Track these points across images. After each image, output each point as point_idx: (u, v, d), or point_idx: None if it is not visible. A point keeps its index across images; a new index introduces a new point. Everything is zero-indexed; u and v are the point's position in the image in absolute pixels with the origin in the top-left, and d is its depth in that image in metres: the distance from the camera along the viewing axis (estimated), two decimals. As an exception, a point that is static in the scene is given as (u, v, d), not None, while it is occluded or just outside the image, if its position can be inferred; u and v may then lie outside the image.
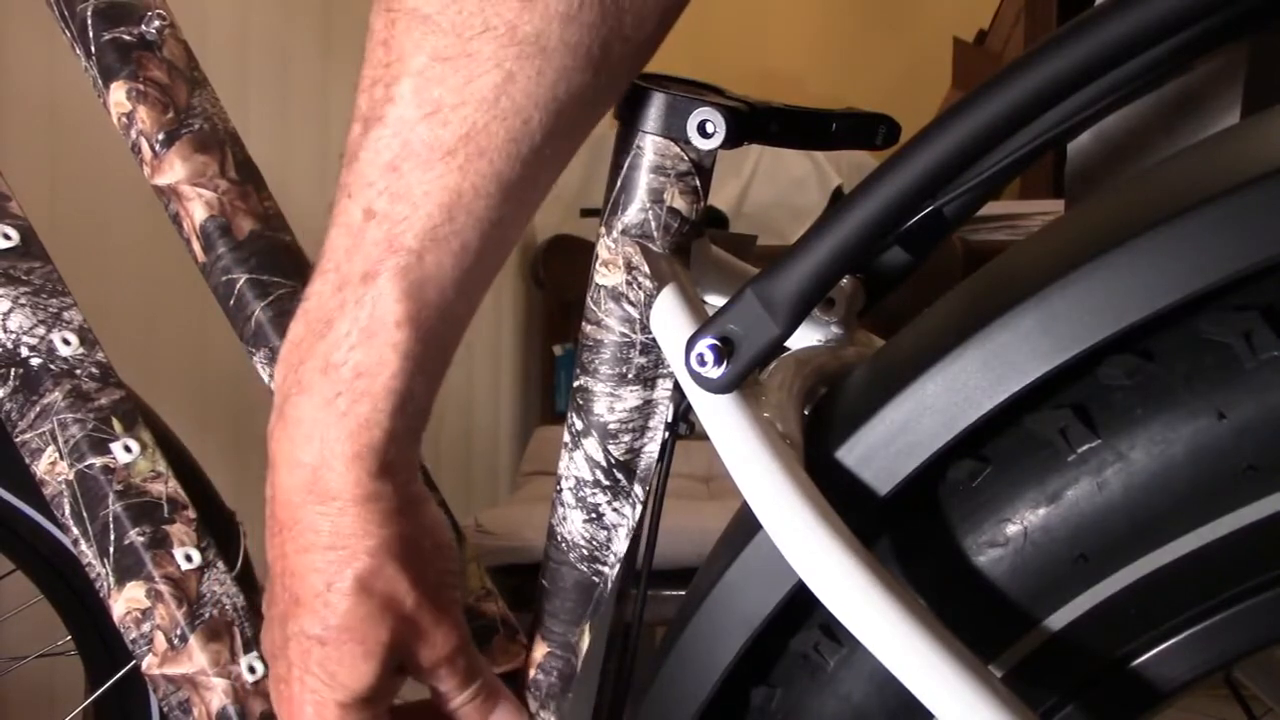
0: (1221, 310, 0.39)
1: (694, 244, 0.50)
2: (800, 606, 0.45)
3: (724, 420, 0.43)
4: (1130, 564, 0.41)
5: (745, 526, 0.45)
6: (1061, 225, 0.43)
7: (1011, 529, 0.42)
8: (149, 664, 0.64)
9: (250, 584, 0.77)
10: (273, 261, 0.60)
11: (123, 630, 0.65)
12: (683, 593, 0.54)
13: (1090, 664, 0.43)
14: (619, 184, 0.48)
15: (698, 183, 0.48)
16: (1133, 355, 0.40)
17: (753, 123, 0.48)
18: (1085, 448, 0.41)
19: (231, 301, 0.59)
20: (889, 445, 0.41)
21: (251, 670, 0.65)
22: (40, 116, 1.72)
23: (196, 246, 0.60)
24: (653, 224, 0.48)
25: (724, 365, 0.42)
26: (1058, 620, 0.42)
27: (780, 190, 2.34)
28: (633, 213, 0.48)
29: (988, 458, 0.43)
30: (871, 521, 0.42)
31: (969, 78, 2.86)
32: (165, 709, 0.65)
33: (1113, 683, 0.42)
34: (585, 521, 0.51)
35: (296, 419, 0.45)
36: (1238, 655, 0.42)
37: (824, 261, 0.41)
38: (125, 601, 0.64)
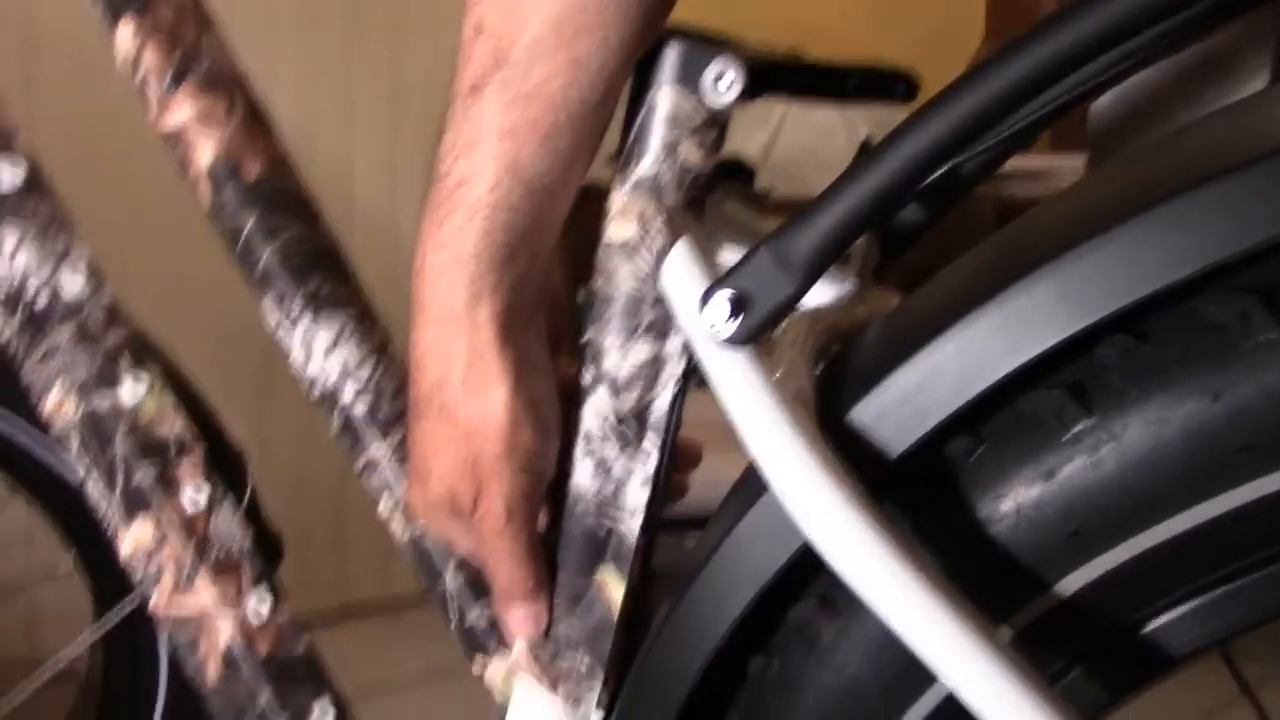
0: (1220, 291, 0.39)
1: (708, 198, 0.49)
2: (800, 576, 0.45)
3: (734, 377, 0.43)
4: (1125, 541, 0.41)
5: (752, 486, 0.45)
6: (1081, 190, 0.43)
7: (1006, 505, 0.42)
8: (156, 601, 0.65)
9: (258, 521, 0.77)
10: (281, 204, 0.59)
11: (131, 567, 0.65)
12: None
13: (1089, 636, 0.43)
14: (633, 136, 0.48)
15: (713, 136, 0.47)
16: (1129, 335, 0.40)
17: (770, 76, 0.47)
18: (1079, 427, 0.41)
19: (239, 245, 0.59)
20: (903, 407, 0.41)
21: (259, 609, 0.65)
22: (63, 53, 1.70)
23: (204, 190, 0.59)
24: (666, 177, 0.47)
25: (736, 322, 0.42)
26: (1055, 593, 0.42)
27: (808, 141, 2.30)
28: (646, 165, 0.48)
29: (983, 435, 0.42)
30: (880, 485, 0.42)
31: (1002, 28, 2.82)
32: (173, 645, 0.65)
33: (1116, 652, 0.43)
34: (594, 473, 0.51)
35: (421, 224, 0.47)
36: (1236, 630, 0.42)
37: (842, 220, 0.40)
38: (133, 539, 0.64)
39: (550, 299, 0.51)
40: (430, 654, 1.86)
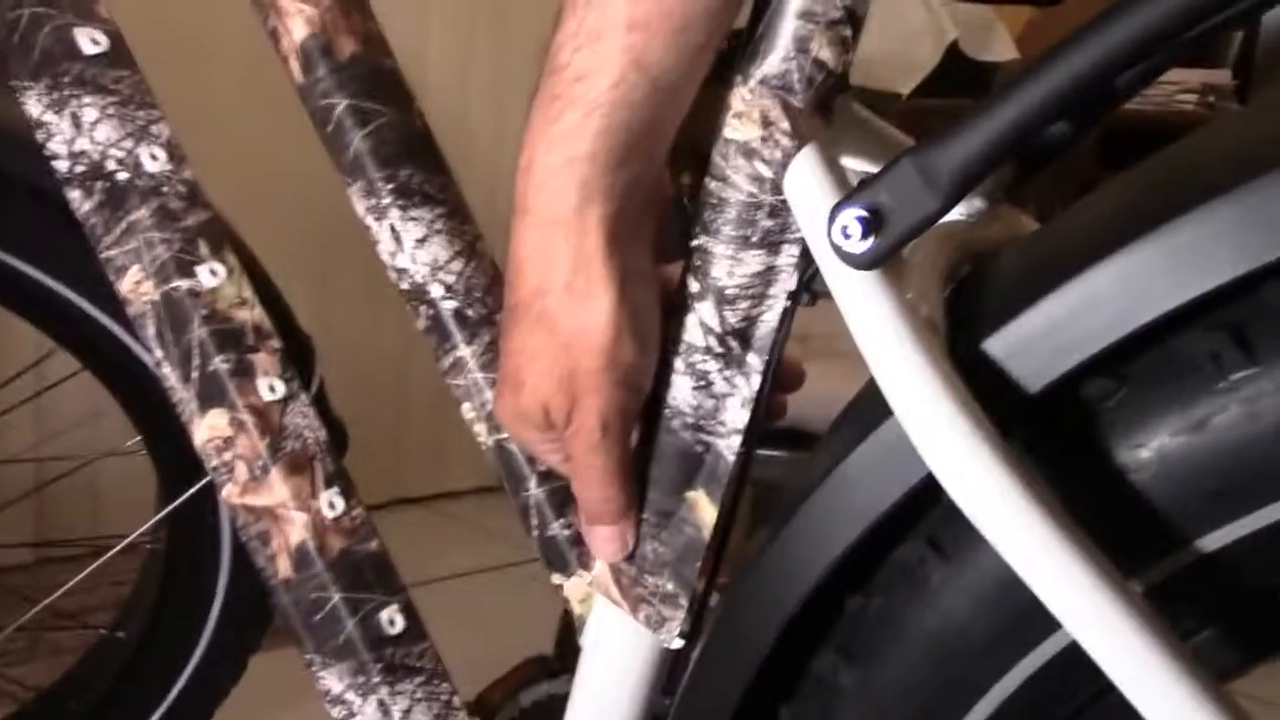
0: None
1: (836, 101, 0.45)
2: (906, 515, 0.42)
3: (864, 299, 0.40)
4: (1276, 502, 0.38)
5: (871, 411, 0.42)
6: (1259, 113, 0.39)
7: (1145, 454, 0.39)
8: (229, 493, 0.63)
9: (325, 411, 0.75)
10: (374, 87, 0.56)
11: (203, 457, 0.64)
12: (776, 453, 0.51)
13: (1226, 597, 0.40)
14: (761, 29, 0.44)
15: (849, 33, 0.44)
16: None
17: None
18: (1239, 375, 0.37)
19: (329, 128, 0.56)
20: (1048, 338, 0.38)
21: (331, 506, 0.63)
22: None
23: (295, 66, 0.56)
24: (795, 76, 0.44)
25: (871, 239, 0.39)
26: (1193, 551, 0.39)
27: (893, 41, 2.21)
28: (774, 62, 0.44)
29: (1126, 377, 0.39)
30: (1013, 420, 0.39)
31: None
32: (244, 538, 0.64)
33: (1252, 615, 0.40)
34: (693, 389, 0.48)
35: (530, 119, 0.44)
36: None
37: (998, 135, 0.36)
38: (207, 428, 0.63)
39: (660, 201, 0.48)
40: (481, 548, 1.87)
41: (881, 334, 0.39)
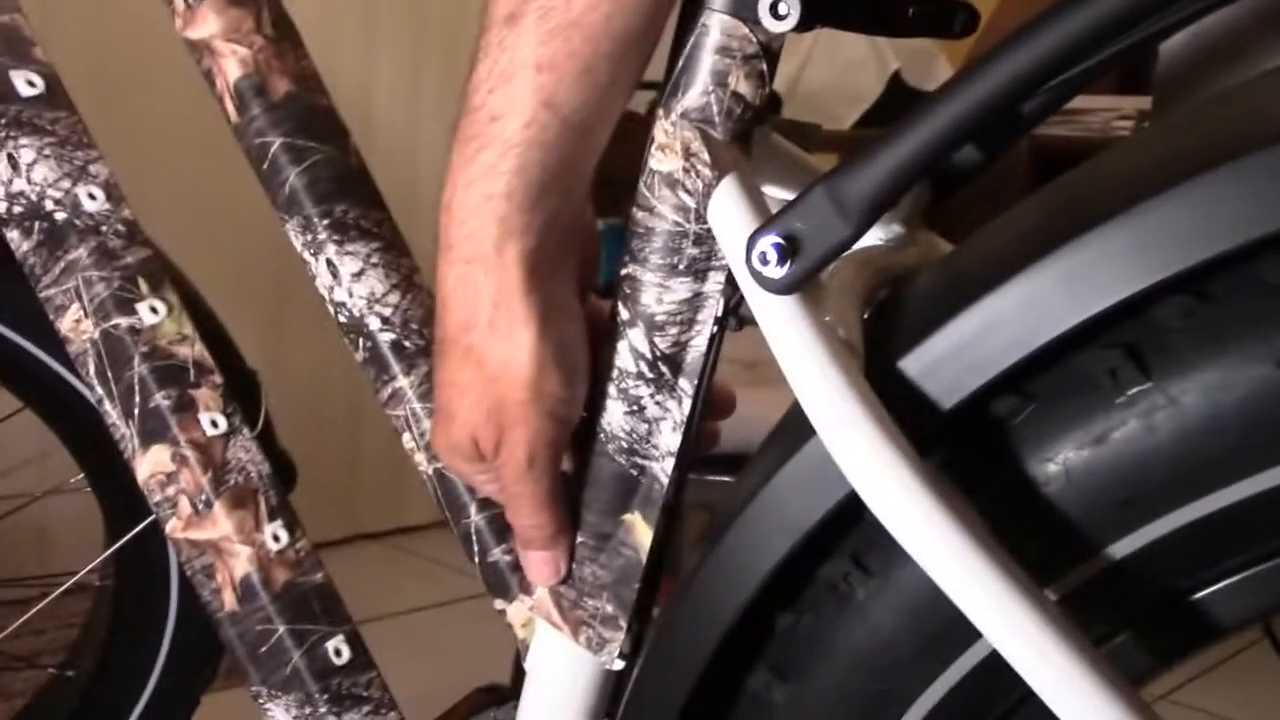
0: None
1: (756, 132, 0.47)
2: (831, 533, 0.44)
3: (783, 322, 0.41)
4: (1177, 509, 0.39)
5: (796, 432, 0.43)
6: (1153, 138, 0.41)
7: (1053, 468, 0.40)
8: (173, 527, 0.64)
9: (272, 448, 0.76)
10: (308, 124, 0.57)
11: (146, 492, 0.64)
12: (722, 478, 0.53)
13: (1136, 602, 0.41)
14: (681, 64, 0.46)
15: (765, 67, 0.45)
16: (1190, 296, 0.38)
17: (827, 5, 0.45)
18: (1135, 390, 0.39)
19: (265, 165, 0.57)
20: (957, 358, 0.39)
21: (275, 539, 0.64)
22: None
23: (229, 106, 0.57)
24: (714, 108, 0.45)
25: (787, 265, 0.40)
26: (1103, 559, 0.41)
27: (837, 73, 2.24)
28: (694, 95, 0.45)
29: (1032, 394, 0.41)
30: (928, 437, 0.41)
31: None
32: (188, 572, 0.65)
33: (1163, 619, 0.41)
34: (626, 414, 0.50)
35: (450, 158, 0.45)
36: None
37: (904, 162, 0.38)
38: (150, 464, 0.63)
39: (582, 236, 0.49)
40: (440, 581, 1.87)
41: (801, 356, 0.40)
